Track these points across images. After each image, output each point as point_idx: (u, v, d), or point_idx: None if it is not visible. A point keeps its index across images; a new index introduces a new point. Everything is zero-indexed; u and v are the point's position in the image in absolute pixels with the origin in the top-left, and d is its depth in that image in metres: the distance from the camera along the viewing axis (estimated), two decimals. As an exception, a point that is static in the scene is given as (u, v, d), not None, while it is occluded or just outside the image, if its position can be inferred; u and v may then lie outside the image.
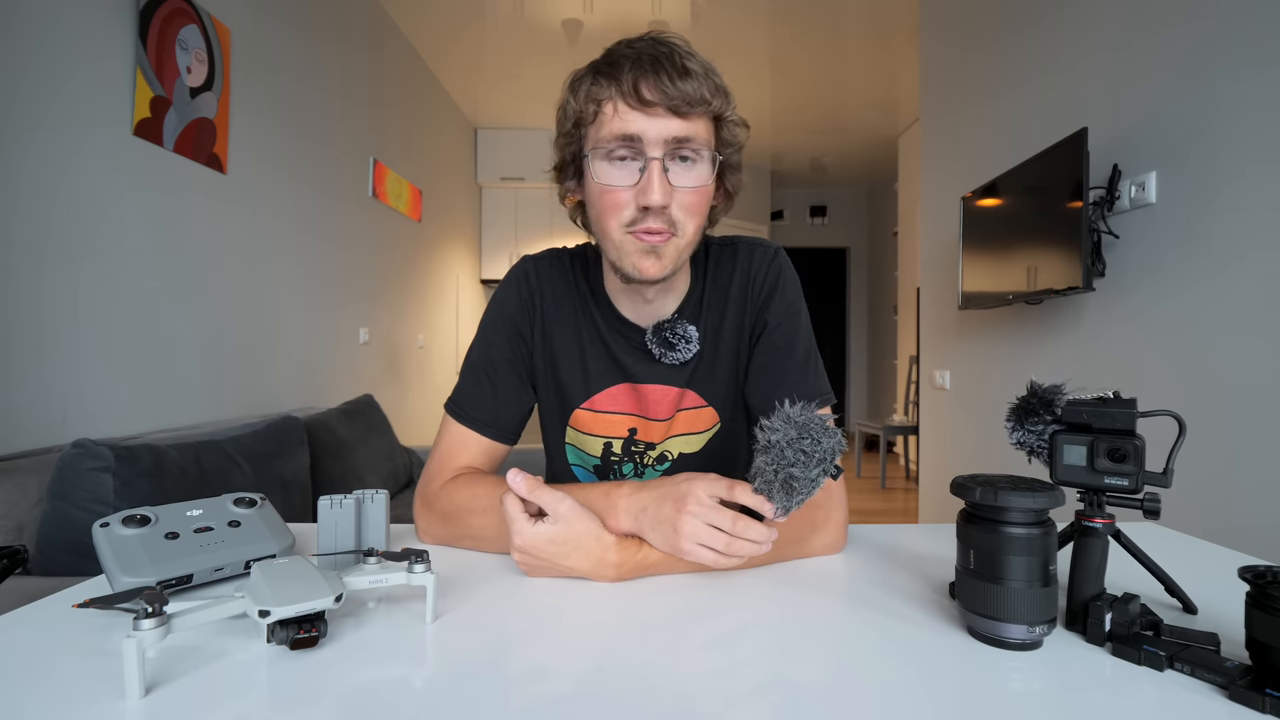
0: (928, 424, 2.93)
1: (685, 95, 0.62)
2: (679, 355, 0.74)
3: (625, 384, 0.78)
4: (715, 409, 0.79)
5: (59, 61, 1.49)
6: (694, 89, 0.62)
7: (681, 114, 0.63)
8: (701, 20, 3.59)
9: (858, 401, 7.22)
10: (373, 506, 0.63)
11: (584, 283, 0.79)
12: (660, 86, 0.61)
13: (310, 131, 2.64)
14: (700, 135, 0.64)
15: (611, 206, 0.65)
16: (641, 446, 0.79)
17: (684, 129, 0.63)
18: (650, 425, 0.79)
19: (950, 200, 2.59)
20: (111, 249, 1.65)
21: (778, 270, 0.78)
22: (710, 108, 0.64)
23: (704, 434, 0.79)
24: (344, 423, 2.22)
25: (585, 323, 0.78)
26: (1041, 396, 0.51)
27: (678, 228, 0.66)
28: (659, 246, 0.66)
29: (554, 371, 0.79)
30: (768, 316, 0.76)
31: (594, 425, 0.79)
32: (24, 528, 1.21)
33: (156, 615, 0.40)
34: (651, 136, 0.63)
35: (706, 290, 0.78)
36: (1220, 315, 1.40)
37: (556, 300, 0.79)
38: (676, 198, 0.65)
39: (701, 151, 0.65)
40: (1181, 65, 1.50)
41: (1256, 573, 0.41)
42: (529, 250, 0.85)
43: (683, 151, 0.64)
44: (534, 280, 0.79)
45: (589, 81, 0.66)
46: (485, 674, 0.42)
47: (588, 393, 0.78)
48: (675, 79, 0.61)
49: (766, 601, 0.55)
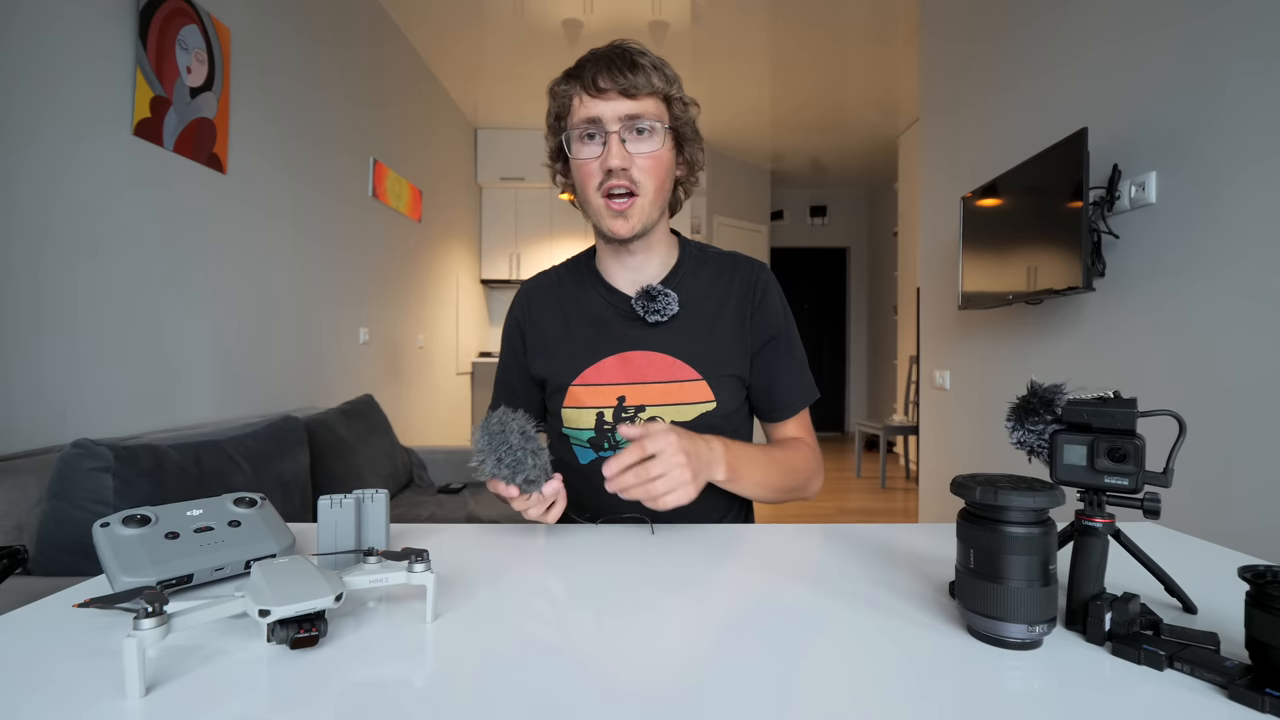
0: (928, 424, 2.93)
1: (633, 82, 0.77)
2: (661, 312, 0.85)
3: (614, 356, 0.87)
4: (708, 384, 0.86)
5: (59, 61, 1.49)
6: (642, 78, 0.78)
7: (631, 95, 0.78)
8: (701, 20, 3.59)
9: (858, 401, 7.21)
10: (373, 506, 0.63)
11: (575, 275, 0.94)
12: (612, 77, 0.77)
13: (310, 131, 2.64)
14: (650, 111, 0.79)
15: (586, 175, 0.82)
16: (631, 411, 0.86)
17: (634, 108, 0.78)
18: (637, 389, 0.86)
19: (950, 200, 2.59)
20: (111, 249, 1.65)
21: (769, 278, 0.92)
22: (655, 89, 0.79)
23: (696, 405, 0.86)
24: (344, 423, 2.22)
25: (573, 308, 0.91)
26: (1042, 396, 0.51)
27: (639, 187, 0.80)
28: (626, 211, 0.81)
29: (549, 360, 0.91)
30: (771, 317, 0.89)
31: (586, 398, 0.87)
32: (24, 528, 1.21)
33: (157, 615, 0.40)
34: (609, 116, 0.78)
35: (687, 266, 0.91)
36: (1220, 315, 1.40)
37: (544, 304, 0.94)
38: (636, 162, 0.80)
39: (654, 125, 0.80)
40: (1181, 64, 1.50)
41: (1256, 572, 0.41)
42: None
43: (637, 125, 0.79)
44: (523, 299, 0.96)
45: (562, 83, 0.82)
46: (485, 674, 0.42)
47: (577, 370, 0.88)
48: (625, 71, 0.77)
49: (766, 601, 0.55)
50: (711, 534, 0.75)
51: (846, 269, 7.31)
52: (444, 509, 2.21)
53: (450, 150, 4.63)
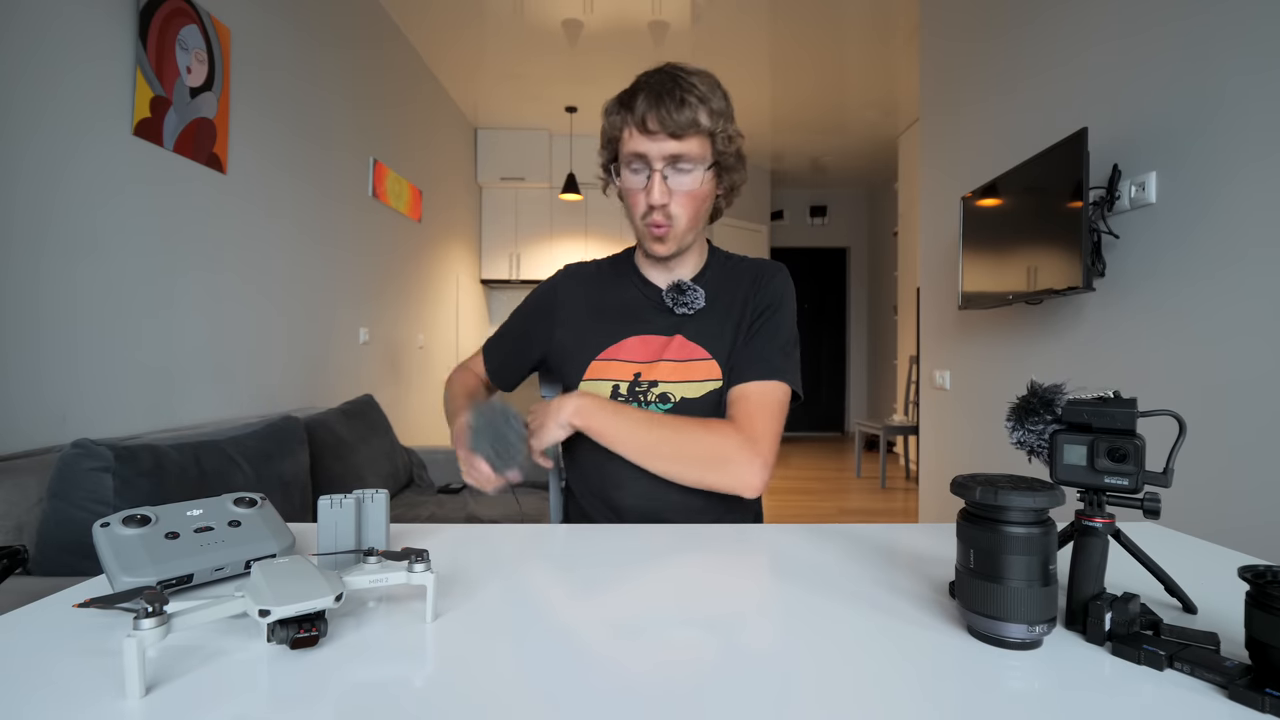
0: (928, 424, 2.93)
1: (679, 123, 0.82)
2: (689, 305, 0.93)
3: (636, 337, 0.95)
4: (719, 363, 0.93)
5: (59, 61, 1.49)
6: (687, 117, 0.82)
7: (678, 137, 0.83)
8: (702, 20, 3.59)
9: (858, 401, 7.21)
10: (373, 506, 0.63)
11: (615, 268, 1.03)
12: (660, 118, 0.82)
13: (310, 131, 2.64)
14: (693, 151, 0.85)
15: (633, 203, 0.90)
16: (645, 385, 0.93)
17: (679, 148, 0.84)
18: (652, 367, 0.93)
19: (950, 200, 2.59)
20: (111, 249, 1.65)
21: (783, 276, 0.98)
22: (700, 128, 0.84)
23: (703, 383, 0.93)
24: (344, 423, 2.22)
25: (609, 294, 1.00)
26: (1042, 396, 0.51)
27: (674, 220, 0.88)
28: (664, 236, 0.89)
29: (573, 334, 0.99)
30: (767, 298, 0.95)
31: (605, 372, 0.95)
32: (24, 528, 1.21)
33: (157, 615, 0.40)
34: (654, 154, 0.85)
35: (716, 268, 1.00)
36: (1220, 315, 1.40)
37: (582, 285, 1.02)
38: (674, 198, 0.87)
39: (695, 164, 0.86)
40: (1181, 63, 1.50)
41: (1256, 572, 0.41)
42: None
43: (679, 164, 0.86)
44: (562, 277, 1.04)
45: (615, 111, 0.88)
46: (485, 674, 0.42)
47: (602, 346, 0.96)
48: (674, 111, 0.82)
49: (766, 601, 0.55)
50: (712, 534, 0.75)
51: (846, 269, 7.31)
52: (444, 509, 2.21)
53: (450, 150, 4.63)
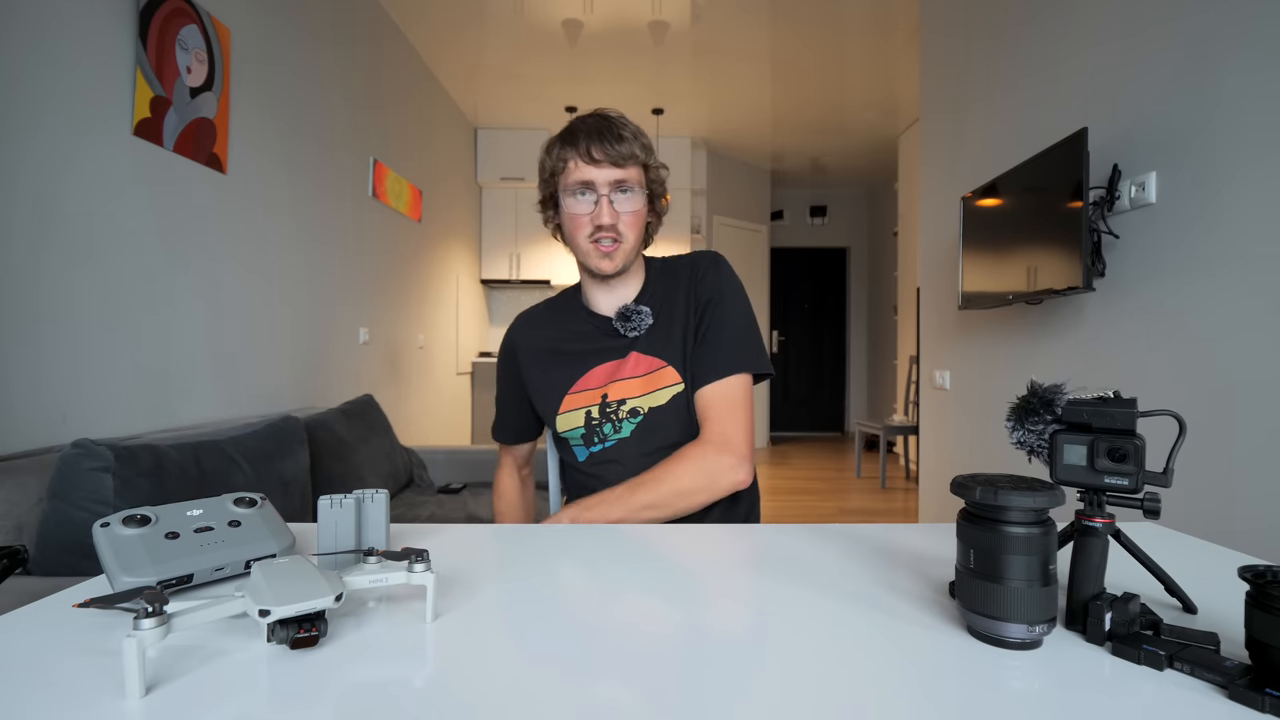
0: (928, 424, 2.93)
1: (620, 154, 0.94)
2: (637, 328, 1.00)
3: (599, 366, 1.02)
4: (675, 368, 0.99)
5: (59, 61, 1.49)
6: (626, 149, 0.94)
7: (619, 165, 0.94)
8: (702, 20, 3.59)
9: (858, 401, 7.21)
10: (373, 506, 0.63)
11: (562, 306, 1.10)
12: (604, 149, 0.93)
13: (310, 131, 2.64)
14: (632, 177, 0.96)
15: (578, 227, 0.98)
16: (614, 405, 1.00)
17: (621, 174, 0.95)
18: (618, 386, 1.00)
19: (950, 200, 2.59)
20: (111, 249, 1.65)
21: (717, 264, 1.03)
22: (637, 159, 0.96)
23: (666, 390, 0.99)
24: (344, 423, 2.22)
25: (563, 333, 1.06)
26: (1041, 396, 0.51)
27: (622, 237, 0.97)
28: (612, 254, 0.97)
29: (543, 374, 1.05)
30: (707, 289, 1.00)
31: (577, 402, 1.01)
32: (24, 528, 1.21)
33: (157, 615, 0.40)
34: (600, 180, 0.95)
35: (654, 280, 1.06)
36: (1221, 314, 1.40)
37: (535, 332, 1.09)
38: (621, 219, 0.96)
39: (635, 187, 0.97)
40: (1181, 63, 1.50)
41: (1256, 572, 0.41)
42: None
43: (622, 188, 0.96)
44: (514, 333, 1.11)
45: (558, 147, 0.97)
46: (485, 674, 0.42)
47: (572, 379, 1.02)
48: (614, 143, 0.94)
49: (766, 600, 0.55)
50: (712, 533, 0.75)
51: (846, 269, 7.31)
52: (444, 509, 2.21)
53: (450, 150, 4.63)
